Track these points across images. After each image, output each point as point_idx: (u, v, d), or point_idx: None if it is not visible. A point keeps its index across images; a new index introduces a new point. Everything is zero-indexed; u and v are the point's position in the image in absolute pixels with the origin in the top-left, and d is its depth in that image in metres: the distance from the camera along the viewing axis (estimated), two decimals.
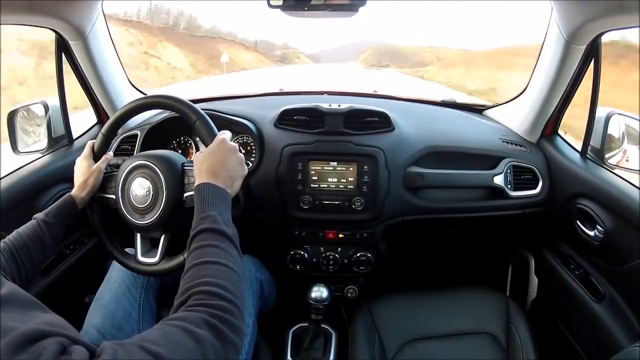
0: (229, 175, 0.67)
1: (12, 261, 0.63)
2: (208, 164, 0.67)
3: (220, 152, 0.68)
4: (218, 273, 0.52)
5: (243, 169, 0.71)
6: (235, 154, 0.69)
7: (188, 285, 0.50)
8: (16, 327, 0.36)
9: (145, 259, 0.78)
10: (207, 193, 0.63)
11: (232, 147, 0.70)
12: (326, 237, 1.03)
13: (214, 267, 0.52)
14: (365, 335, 0.94)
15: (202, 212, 0.61)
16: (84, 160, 0.80)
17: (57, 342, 0.36)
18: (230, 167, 0.68)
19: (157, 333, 0.42)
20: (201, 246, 0.56)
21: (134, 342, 0.40)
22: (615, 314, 0.86)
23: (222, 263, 0.53)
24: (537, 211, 1.03)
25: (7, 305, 0.39)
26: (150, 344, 0.40)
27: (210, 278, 0.50)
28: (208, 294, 0.48)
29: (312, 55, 45.81)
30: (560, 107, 1.02)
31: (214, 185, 0.64)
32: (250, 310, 0.87)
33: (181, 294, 0.50)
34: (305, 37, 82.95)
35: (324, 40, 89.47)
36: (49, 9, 0.87)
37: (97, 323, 0.78)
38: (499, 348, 0.91)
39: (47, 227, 0.70)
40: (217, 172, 0.66)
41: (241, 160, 0.70)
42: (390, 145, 0.99)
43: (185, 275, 0.52)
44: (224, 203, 0.63)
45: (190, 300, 0.48)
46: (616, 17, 0.77)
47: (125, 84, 1.18)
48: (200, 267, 0.52)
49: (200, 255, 0.54)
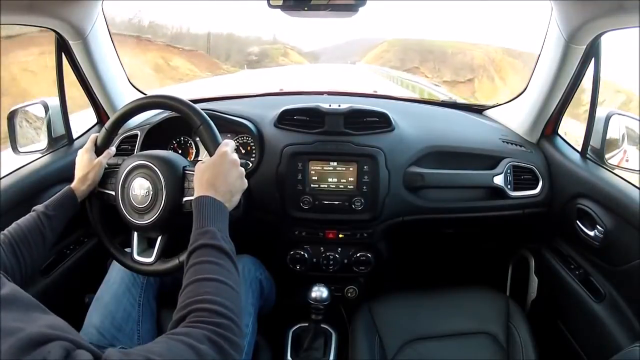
0: (229, 189, 0.68)
1: (12, 254, 0.63)
2: (209, 175, 0.67)
3: (222, 165, 0.68)
4: (217, 290, 0.53)
5: (243, 183, 0.71)
6: (236, 168, 0.70)
7: (188, 302, 0.51)
8: (20, 329, 0.36)
9: (141, 258, 0.78)
10: (207, 207, 0.64)
11: (233, 161, 0.70)
12: (326, 237, 1.03)
13: (214, 284, 0.54)
14: (365, 335, 0.94)
15: (201, 226, 0.61)
16: (85, 153, 0.80)
17: (61, 347, 0.36)
18: (230, 181, 0.68)
19: (162, 346, 0.44)
20: (200, 262, 0.57)
21: (139, 352, 0.42)
22: (615, 314, 0.86)
23: (221, 280, 0.54)
24: (537, 211, 1.03)
25: (8, 305, 0.40)
26: (155, 355, 0.41)
27: (210, 296, 0.51)
28: (209, 312, 0.49)
29: (310, 53, 43.86)
30: (560, 107, 1.02)
31: (213, 199, 0.65)
32: (250, 310, 0.87)
33: (180, 309, 0.51)
34: (293, 31, 76.90)
35: (321, 36, 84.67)
36: (49, 9, 0.86)
37: (97, 323, 0.79)
38: (499, 348, 0.91)
39: (47, 219, 0.70)
40: (217, 186, 0.67)
41: (242, 174, 0.71)
42: (391, 145, 0.99)
43: (185, 290, 0.54)
44: (222, 217, 0.64)
45: (190, 317, 0.49)
46: (616, 17, 0.77)
47: (125, 84, 1.18)
48: (200, 284, 0.53)
49: (199, 272, 0.55)
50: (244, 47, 36.52)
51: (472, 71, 17.09)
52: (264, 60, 32.69)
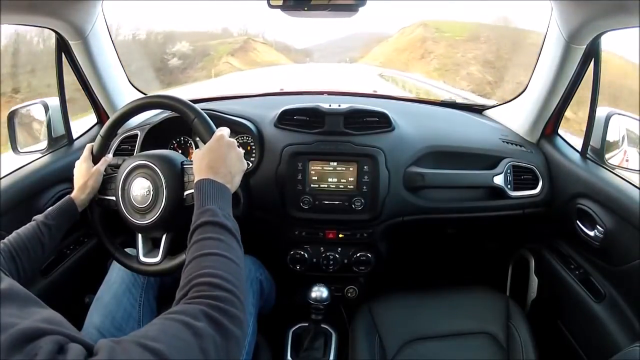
0: (229, 170, 0.68)
1: (11, 262, 0.63)
2: (207, 160, 0.67)
3: (219, 148, 0.68)
4: (217, 264, 0.52)
5: (242, 164, 0.71)
6: (234, 150, 0.70)
7: (189, 278, 0.50)
8: (14, 324, 0.36)
9: (147, 259, 0.78)
10: (207, 188, 0.63)
11: (230, 143, 0.70)
12: (326, 237, 1.03)
13: (214, 258, 0.53)
14: (365, 335, 0.94)
15: (201, 206, 0.61)
16: (83, 162, 0.81)
17: (53, 341, 0.35)
18: (229, 162, 0.68)
19: (156, 328, 0.42)
20: (201, 239, 0.56)
21: (131, 339, 0.40)
22: (615, 314, 0.86)
23: (222, 254, 0.53)
24: (537, 211, 1.03)
25: (5, 300, 0.39)
26: (149, 340, 0.39)
27: (210, 269, 0.50)
28: (208, 285, 0.48)
29: (304, 50, 40.71)
30: (560, 107, 1.02)
31: (213, 181, 0.64)
32: (250, 310, 0.87)
33: (182, 287, 0.50)
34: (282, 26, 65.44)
35: (314, 32, 78.47)
36: (49, 9, 0.86)
37: (97, 323, 0.78)
38: (499, 348, 0.91)
39: (47, 229, 0.70)
40: (216, 168, 0.66)
41: (240, 155, 0.71)
42: (390, 145, 0.99)
43: (187, 268, 0.53)
44: (223, 197, 0.63)
45: (190, 292, 0.48)
46: (616, 17, 0.77)
47: (125, 84, 1.18)
48: (201, 259, 0.53)
49: (200, 248, 0.54)
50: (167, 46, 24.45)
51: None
52: (192, 65, 21.18)
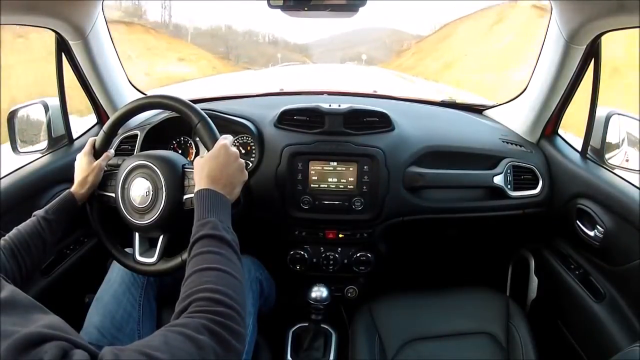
0: (230, 181, 0.68)
1: (13, 258, 0.63)
2: (208, 169, 0.67)
3: (221, 158, 0.68)
4: (218, 279, 0.52)
5: (243, 175, 0.71)
6: (236, 160, 0.70)
7: (189, 292, 0.51)
8: (17, 331, 0.36)
9: (143, 258, 0.79)
10: (207, 199, 0.63)
11: (233, 153, 0.70)
12: (326, 237, 1.03)
13: (215, 273, 0.53)
14: (365, 336, 0.94)
15: (202, 218, 0.61)
16: (84, 156, 0.80)
17: (57, 347, 0.35)
18: (230, 173, 0.68)
19: (158, 339, 0.43)
20: (202, 252, 0.56)
21: (135, 347, 0.41)
22: (615, 314, 0.86)
23: (223, 269, 0.54)
24: (537, 211, 1.03)
25: (7, 308, 0.39)
26: (152, 350, 0.40)
27: (211, 285, 0.51)
28: (209, 301, 0.49)
29: (302, 46, 40.57)
30: (560, 107, 1.02)
31: (213, 192, 0.64)
32: (250, 310, 0.86)
33: (182, 300, 0.50)
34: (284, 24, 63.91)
35: (314, 28, 76.59)
36: (49, 9, 0.86)
37: (97, 323, 0.78)
38: (499, 348, 0.91)
39: (47, 224, 0.70)
40: (217, 178, 0.66)
41: (242, 166, 0.71)
42: (390, 145, 0.99)
43: (186, 281, 0.53)
44: (224, 209, 0.64)
45: (191, 307, 0.49)
46: (616, 17, 0.77)
47: (125, 84, 1.18)
48: (201, 274, 0.53)
49: (201, 262, 0.55)
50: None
51: None
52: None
